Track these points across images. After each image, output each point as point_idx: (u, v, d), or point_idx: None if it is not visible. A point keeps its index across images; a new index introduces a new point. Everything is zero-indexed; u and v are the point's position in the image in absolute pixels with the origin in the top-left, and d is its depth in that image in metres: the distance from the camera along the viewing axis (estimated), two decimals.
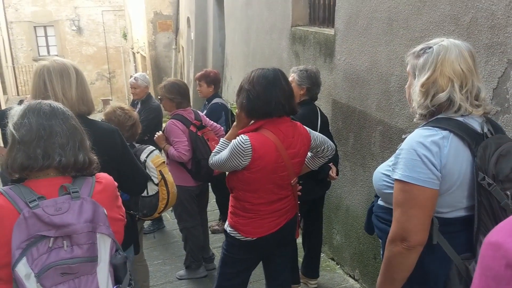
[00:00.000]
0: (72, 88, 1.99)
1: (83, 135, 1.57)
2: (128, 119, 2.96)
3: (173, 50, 14.67)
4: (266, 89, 2.24)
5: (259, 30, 5.85)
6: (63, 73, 1.99)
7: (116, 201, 1.62)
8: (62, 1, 20.78)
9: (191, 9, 10.20)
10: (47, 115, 1.49)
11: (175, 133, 3.54)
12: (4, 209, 1.39)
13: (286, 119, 2.34)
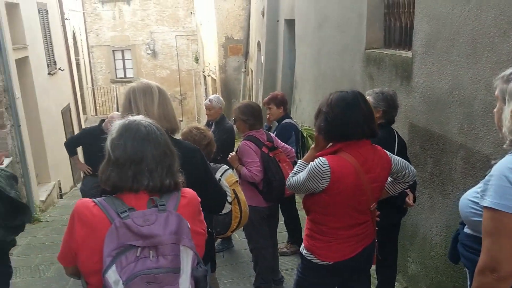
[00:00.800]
0: (154, 104, 2.11)
1: (173, 160, 1.63)
2: (203, 138, 3.02)
3: (242, 73, 15.00)
4: (345, 111, 2.22)
5: (330, 52, 5.85)
6: (146, 92, 2.12)
7: (199, 216, 1.67)
8: (139, 27, 21.91)
9: (262, 33, 10.40)
10: (142, 139, 1.56)
11: (248, 154, 3.59)
12: (97, 218, 1.48)
13: (366, 142, 2.29)
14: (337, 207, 2.25)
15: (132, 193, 1.55)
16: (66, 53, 12.00)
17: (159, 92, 2.15)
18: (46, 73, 9.51)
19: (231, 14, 14.66)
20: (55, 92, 10.06)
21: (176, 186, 1.61)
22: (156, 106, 2.11)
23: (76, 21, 15.84)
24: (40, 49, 9.29)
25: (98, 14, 21.51)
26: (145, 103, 2.10)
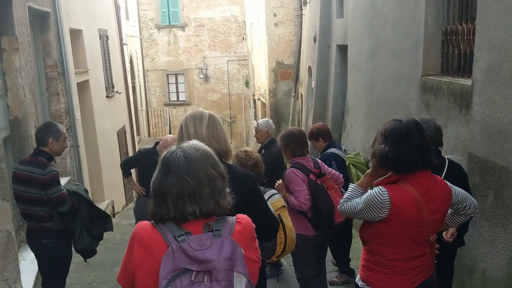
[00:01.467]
0: (203, 126, 2.26)
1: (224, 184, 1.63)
2: (248, 159, 3.02)
3: (292, 97, 15.05)
4: (398, 144, 2.18)
5: (384, 78, 5.78)
6: (196, 116, 2.30)
7: (253, 243, 1.66)
8: (192, 52, 22.55)
9: (313, 59, 10.43)
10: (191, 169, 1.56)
11: (295, 182, 3.54)
12: (155, 240, 1.52)
13: (427, 173, 2.23)
14: (396, 238, 2.20)
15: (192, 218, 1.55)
16: (123, 77, 12.49)
17: (209, 116, 2.30)
18: (104, 95, 9.92)
19: (282, 39, 14.83)
20: (112, 114, 10.46)
21: (226, 207, 1.61)
22: (205, 127, 2.25)
23: (133, 46, 16.52)
24: (99, 73, 9.72)
25: (154, 39, 22.33)
26: (194, 125, 2.26)
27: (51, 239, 3.62)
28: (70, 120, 7.19)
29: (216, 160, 1.64)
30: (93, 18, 9.63)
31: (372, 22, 6.25)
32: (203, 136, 2.21)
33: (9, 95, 4.87)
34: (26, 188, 3.55)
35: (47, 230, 3.62)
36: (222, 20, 22.35)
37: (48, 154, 3.65)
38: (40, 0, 6.18)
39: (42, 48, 6.58)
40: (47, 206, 3.58)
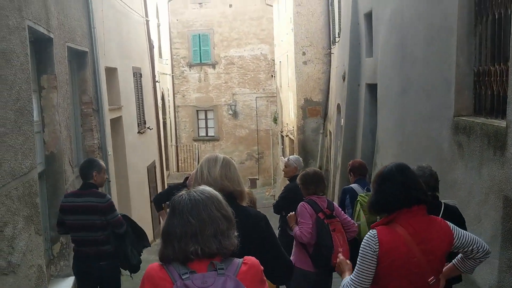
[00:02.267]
0: (216, 166, 2.39)
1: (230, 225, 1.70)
2: None
3: (320, 134, 15.05)
4: (380, 185, 2.35)
5: (415, 118, 5.73)
6: (211, 158, 2.45)
7: (262, 285, 1.71)
8: (222, 89, 22.97)
9: (342, 97, 10.46)
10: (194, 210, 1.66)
11: (302, 215, 3.80)
12: (163, 279, 1.62)
13: (420, 212, 2.27)
14: (390, 280, 2.22)
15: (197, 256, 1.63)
16: (155, 113, 12.78)
17: (223, 158, 2.45)
18: (136, 131, 10.15)
19: (311, 77, 14.98)
20: (143, 149, 10.66)
21: (230, 249, 1.67)
22: (219, 168, 2.38)
23: (165, 83, 16.95)
24: (132, 109, 9.98)
25: (185, 77, 22.88)
26: (208, 166, 2.41)
27: (107, 260, 4.12)
28: (103, 156, 7.35)
29: (221, 202, 1.71)
30: (128, 56, 9.97)
31: (402, 61, 6.27)
32: (216, 175, 2.35)
33: (46, 131, 5.03)
34: (88, 217, 4.05)
35: (104, 253, 4.10)
36: (252, 58, 22.79)
37: (97, 185, 4.20)
38: (78, 40, 6.44)
39: (78, 86, 6.81)
40: (106, 230, 4.10)
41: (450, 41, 4.62)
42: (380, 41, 7.58)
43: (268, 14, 21.62)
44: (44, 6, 4.69)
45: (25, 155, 3.69)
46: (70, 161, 5.60)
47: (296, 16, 14.67)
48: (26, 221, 3.61)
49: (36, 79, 4.98)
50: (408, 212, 2.24)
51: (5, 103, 3.32)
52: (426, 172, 3.23)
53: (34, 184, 3.91)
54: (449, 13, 4.62)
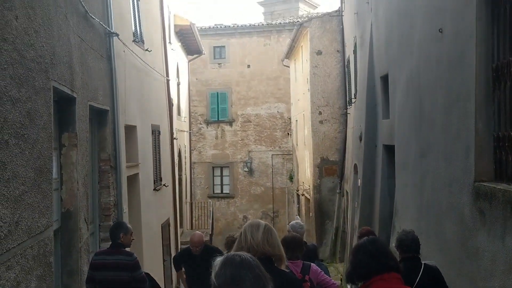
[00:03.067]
0: (259, 232, 2.69)
1: (266, 283, 1.89)
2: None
3: (337, 194, 14.91)
4: (353, 256, 2.69)
5: (435, 182, 5.64)
6: (254, 224, 2.78)
7: None
8: (238, 146, 23.17)
9: (359, 157, 10.43)
10: (238, 266, 1.86)
11: None
12: None
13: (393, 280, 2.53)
14: None
15: None
16: (172, 170, 12.85)
17: (264, 225, 2.77)
18: (152, 189, 10.16)
19: (327, 136, 15.07)
20: (157, 207, 10.63)
21: None
22: (261, 233, 2.68)
23: (182, 140, 17.16)
24: (149, 166, 10.05)
25: (202, 133, 23.21)
26: (251, 231, 2.70)
27: None
28: (118, 213, 7.33)
29: (252, 265, 1.88)
30: (148, 114, 10.17)
31: (420, 124, 6.27)
32: (259, 240, 2.65)
33: (64, 189, 5.06)
34: (116, 273, 4.60)
35: None
36: (268, 116, 23.12)
37: (124, 245, 4.83)
38: (100, 99, 6.62)
39: (98, 143, 6.92)
40: (131, 285, 4.62)
41: (468, 106, 4.62)
42: (397, 104, 7.63)
43: (285, 74, 22.13)
44: (69, 67, 4.86)
45: (42, 213, 3.69)
46: (85, 218, 5.58)
47: (313, 77, 14.98)
48: (39, 281, 3.57)
49: (57, 137, 5.07)
50: (381, 279, 2.50)
51: (27, 162, 3.37)
52: (408, 236, 3.78)
53: (49, 243, 3.89)
54: (467, 79, 4.66)
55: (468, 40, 4.54)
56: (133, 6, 9.05)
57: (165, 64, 12.40)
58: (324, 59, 14.87)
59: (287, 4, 46.06)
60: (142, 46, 9.60)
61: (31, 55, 3.59)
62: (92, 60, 6.23)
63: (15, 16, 3.32)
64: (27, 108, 3.44)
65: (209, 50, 22.23)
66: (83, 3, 5.53)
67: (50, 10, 4.17)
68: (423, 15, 6.08)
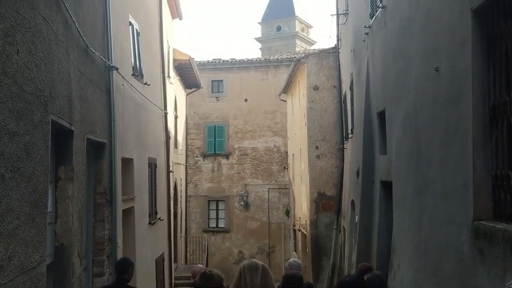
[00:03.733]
0: (258, 275, 3.18)
1: None
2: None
3: (334, 230, 14.77)
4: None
5: (433, 219, 5.60)
6: (253, 266, 3.21)
7: None
8: (235, 179, 23.08)
9: (356, 193, 10.39)
10: None
11: None
12: None
13: None
14: None
15: None
16: (167, 204, 12.74)
17: (262, 267, 3.23)
18: (147, 222, 10.05)
19: (324, 171, 15.04)
20: (152, 241, 10.48)
21: None
22: (259, 276, 3.16)
23: (179, 173, 17.10)
24: (145, 200, 9.97)
25: (198, 166, 23.15)
26: (251, 274, 3.16)
27: None
28: (112, 247, 7.22)
29: None
30: (145, 147, 10.16)
31: (417, 161, 6.27)
32: (257, 283, 3.14)
33: (58, 222, 4.99)
34: None
35: None
36: (265, 150, 23.15)
37: (128, 280, 5.23)
38: (98, 132, 6.61)
39: (94, 176, 6.87)
40: None
41: (466, 144, 4.63)
42: (394, 140, 7.66)
43: (282, 108, 22.29)
44: (68, 100, 4.87)
45: (36, 248, 3.63)
46: (79, 253, 5.48)
47: (310, 112, 15.08)
48: None
49: (53, 170, 5.03)
50: None
51: (22, 196, 3.33)
52: (377, 279, 4.21)
53: (42, 278, 3.80)
54: (464, 117, 4.69)
55: (465, 78, 4.59)
56: (133, 40, 9.18)
57: (164, 98, 12.49)
58: (321, 94, 15.02)
59: (284, 40, 46.94)
60: (141, 80, 9.68)
61: (31, 89, 3.60)
62: (91, 93, 6.26)
63: (16, 50, 3.34)
64: (24, 142, 3.43)
65: (207, 84, 22.47)
66: (84, 38, 5.60)
67: (51, 45, 4.21)
68: (420, 54, 6.18)
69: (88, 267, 6.62)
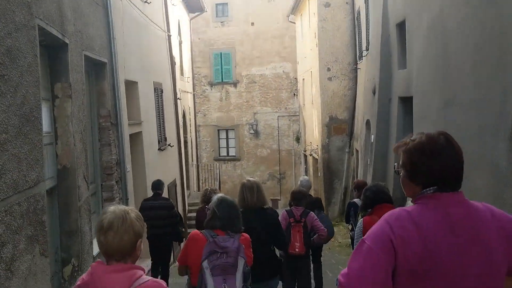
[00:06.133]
0: (254, 194, 4.10)
1: (239, 218, 3.37)
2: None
3: (346, 153, 14.49)
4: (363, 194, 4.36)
5: (461, 132, 5.18)
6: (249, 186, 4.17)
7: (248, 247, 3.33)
8: (243, 108, 22.63)
9: (372, 112, 9.94)
10: (231, 207, 3.38)
11: (280, 218, 4.87)
12: (200, 238, 3.20)
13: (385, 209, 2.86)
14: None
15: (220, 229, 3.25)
16: (176, 131, 12.42)
17: (257, 186, 4.16)
18: (156, 148, 9.77)
19: (336, 94, 14.52)
20: (163, 167, 10.26)
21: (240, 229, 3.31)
22: (256, 194, 4.11)
23: (187, 101, 16.67)
24: (153, 125, 9.63)
25: (206, 96, 22.64)
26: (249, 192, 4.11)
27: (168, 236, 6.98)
28: (121, 172, 6.96)
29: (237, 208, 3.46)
30: (149, 71, 9.66)
31: (444, 71, 5.76)
32: (254, 200, 4.10)
33: (59, 143, 4.66)
34: (160, 211, 6.76)
35: (166, 232, 6.84)
36: (274, 76, 22.45)
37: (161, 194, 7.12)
38: (97, 50, 6.13)
39: (96, 98, 6.48)
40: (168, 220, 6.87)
41: (505, 43, 4.12)
42: (416, 52, 7.09)
43: (291, 32, 21.35)
44: (58, 8, 4.35)
45: (31, 167, 3.29)
46: (85, 176, 5.19)
47: (321, 32, 14.30)
48: (30, 241, 3.19)
49: (49, 88, 4.63)
50: (379, 208, 3.89)
51: (8, 107, 2.93)
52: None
53: (41, 200, 3.50)
54: (503, 13, 4.14)
55: None
56: None
57: (166, 19, 11.77)
58: (333, 12, 14.14)
59: None
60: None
61: None
62: (86, 6, 5.71)
63: None
64: (6, 45, 2.98)
65: (211, 8, 21.40)
66: None
67: None
68: None
69: (97, 192, 6.39)
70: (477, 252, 1.61)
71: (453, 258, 1.60)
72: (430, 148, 1.73)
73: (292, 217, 5.20)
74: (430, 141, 1.74)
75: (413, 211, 1.68)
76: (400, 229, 1.62)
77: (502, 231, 1.64)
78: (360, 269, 1.63)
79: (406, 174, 1.77)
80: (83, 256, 4.85)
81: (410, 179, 1.76)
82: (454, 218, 1.64)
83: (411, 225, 1.63)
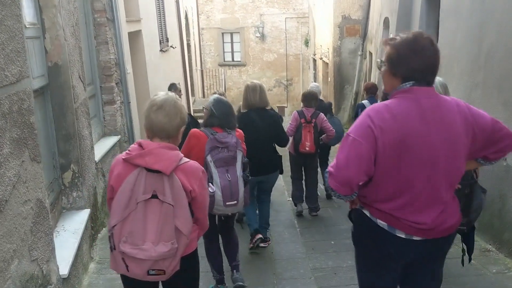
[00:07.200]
0: (256, 94, 4.41)
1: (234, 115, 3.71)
2: None
3: (358, 56, 13.77)
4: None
5: (503, 21, 4.57)
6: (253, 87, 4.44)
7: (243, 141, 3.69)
8: (249, 9, 21.43)
9: (392, 8, 9.14)
10: (226, 105, 3.67)
11: (292, 118, 5.59)
12: (202, 135, 3.53)
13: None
14: None
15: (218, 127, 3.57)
16: (179, 32, 11.69)
17: (259, 87, 4.43)
18: (158, 49, 9.16)
19: None
20: (166, 69, 9.72)
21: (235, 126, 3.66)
22: (258, 95, 4.41)
23: (188, 1, 15.63)
24: (153, 24, 8.93)
25: None
26: (252, 94, 4.40)
27: None
28: (121, 73, 6.46)
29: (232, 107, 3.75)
30: None
31: None
32: (257, 99, 4.41)
33: (47, 37, 4.10)
34: None
35: None
36: None
37: None
38: None
39: None
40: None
41: None
42: None
43: None
44: None
45: (11, 60, 2.78)
46: (80, 75, 4.70)
47: None
48: (16, 144, 2.78)
49: None
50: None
51: None
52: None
53: (27, 99, 3.04)
54: None
55: None
56: None
57: None
58: None
59: None
60: None
61: None
62: None
63: None
64: None
65: None
66: None
67: None
68: None
69: (96, 95, 5.94)
70: (444, 137, 1.92)
71: (423, 140, 1.90)
72: (416, 44, 1.94)
73: (303, 118, 5.46)
74: (416, 39, 1.95)
75: (391, 104, 1.97)
76: (379, 120, 1.90)
77: (466, 121, 1.96)
78: (346, 158, 1.93)
79: (389, 67, 1.99)
80: (84, 161, 4.51)
81: (392, 72, 1.98)
82: (425, 107, 1.92)
83: (389, 115, 1.92)
